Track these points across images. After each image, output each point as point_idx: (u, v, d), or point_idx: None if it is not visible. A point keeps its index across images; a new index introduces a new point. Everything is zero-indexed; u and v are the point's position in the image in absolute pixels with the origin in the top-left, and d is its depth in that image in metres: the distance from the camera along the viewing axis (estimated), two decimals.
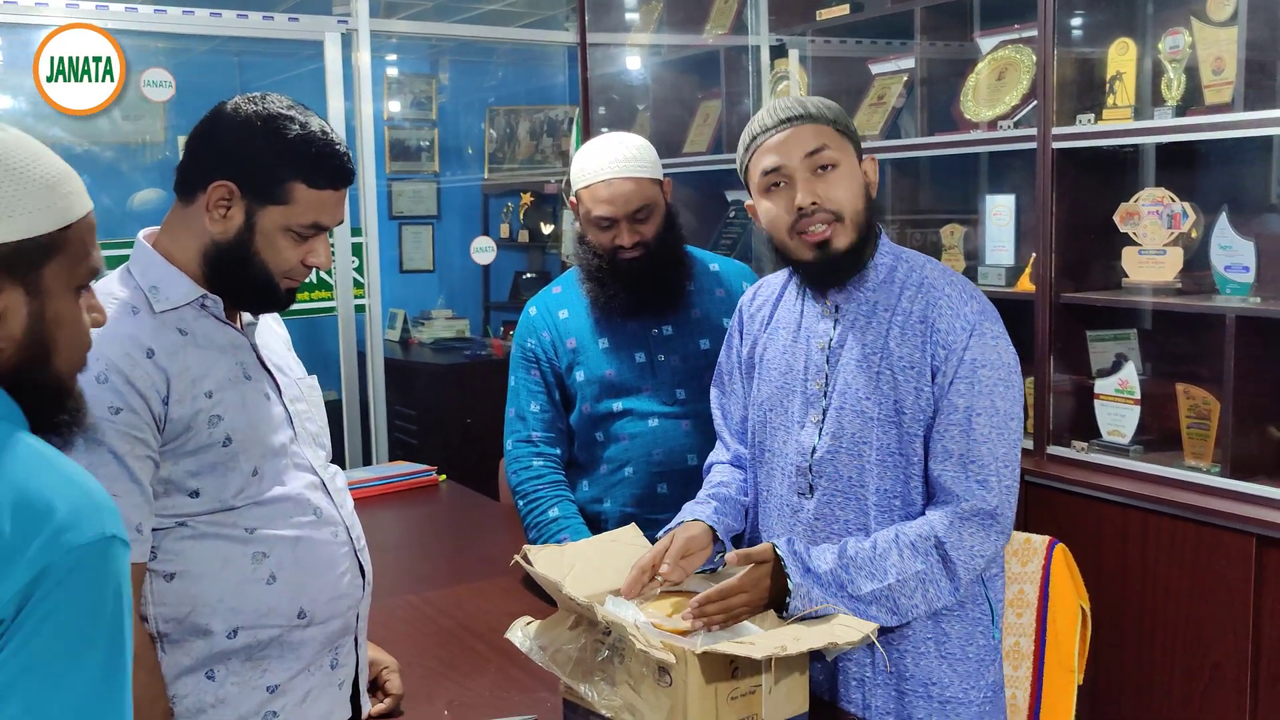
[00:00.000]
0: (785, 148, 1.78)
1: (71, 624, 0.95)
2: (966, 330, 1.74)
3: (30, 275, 1.06)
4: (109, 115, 4.41)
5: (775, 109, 1.83)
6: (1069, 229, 2.77)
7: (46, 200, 1.07)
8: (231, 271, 1.59)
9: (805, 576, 1.69)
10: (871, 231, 1.83)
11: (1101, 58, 2.76)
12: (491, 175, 6.24)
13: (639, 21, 4.53)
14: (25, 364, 1.07)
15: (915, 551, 1.71)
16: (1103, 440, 2.74)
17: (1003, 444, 1.74)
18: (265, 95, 1.62)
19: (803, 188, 1.77)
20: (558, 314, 2.34)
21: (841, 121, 1.82)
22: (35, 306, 1.07)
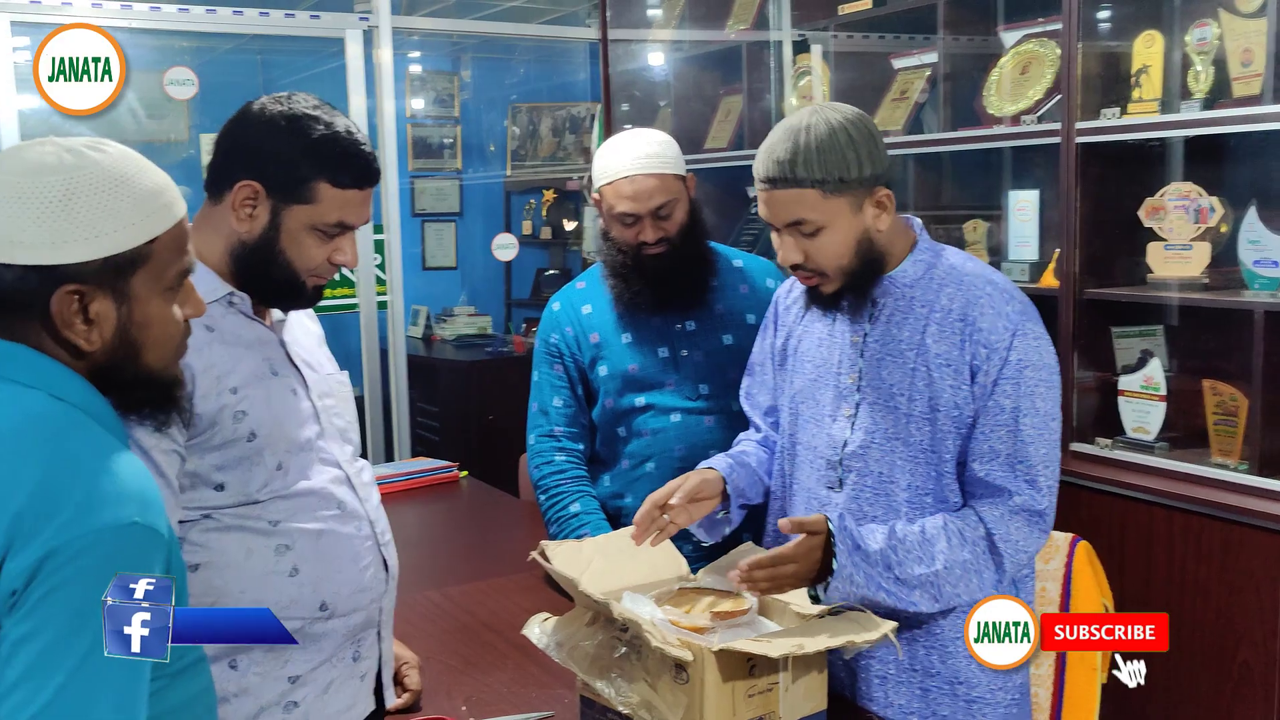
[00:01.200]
0: (769, 207, 1.76)
1: (77, 600, 1.02)
2: (1009, 330, 1.73)
3: (119, 285, 1.16)
4: (133, 114, 4.45)
5: (769, 155, 1.73)
6: (1093, 224, 2.74)
7: (135, 218, 1.16)
8: (258, 270, 1.60)
9: (853, 554, 1.67)
10: (873, 266, 1.78)
11: (1127, 51, 2.74)
12: (514, 172, 6.25)
13: (660, 17, 4.52)
14: (116, 361, 1.18)
15: (964, 540, 1.71)
16: (1127, 437, 2.71)
17: (1046, 444, 1.74)
18: (292, 95, 1.62)
19: (783, 249, 1.76)
20: (581, 309, 2.34)
21: (833, 178, 1.69)
22: (124, 312, 1.17)
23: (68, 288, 1.13)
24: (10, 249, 1.12)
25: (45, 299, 1.13)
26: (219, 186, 1.60)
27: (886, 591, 1.68)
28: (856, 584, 1.67)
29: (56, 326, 1.14)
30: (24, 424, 1.10)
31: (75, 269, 1.13)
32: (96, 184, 1.14)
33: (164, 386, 1.24)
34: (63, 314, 1.14)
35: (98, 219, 1.13)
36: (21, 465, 1.06)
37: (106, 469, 1.09)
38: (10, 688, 1.01)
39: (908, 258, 1.81)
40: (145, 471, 1.14)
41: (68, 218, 1.13)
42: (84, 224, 1.13)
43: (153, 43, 4.28)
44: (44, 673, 1.01)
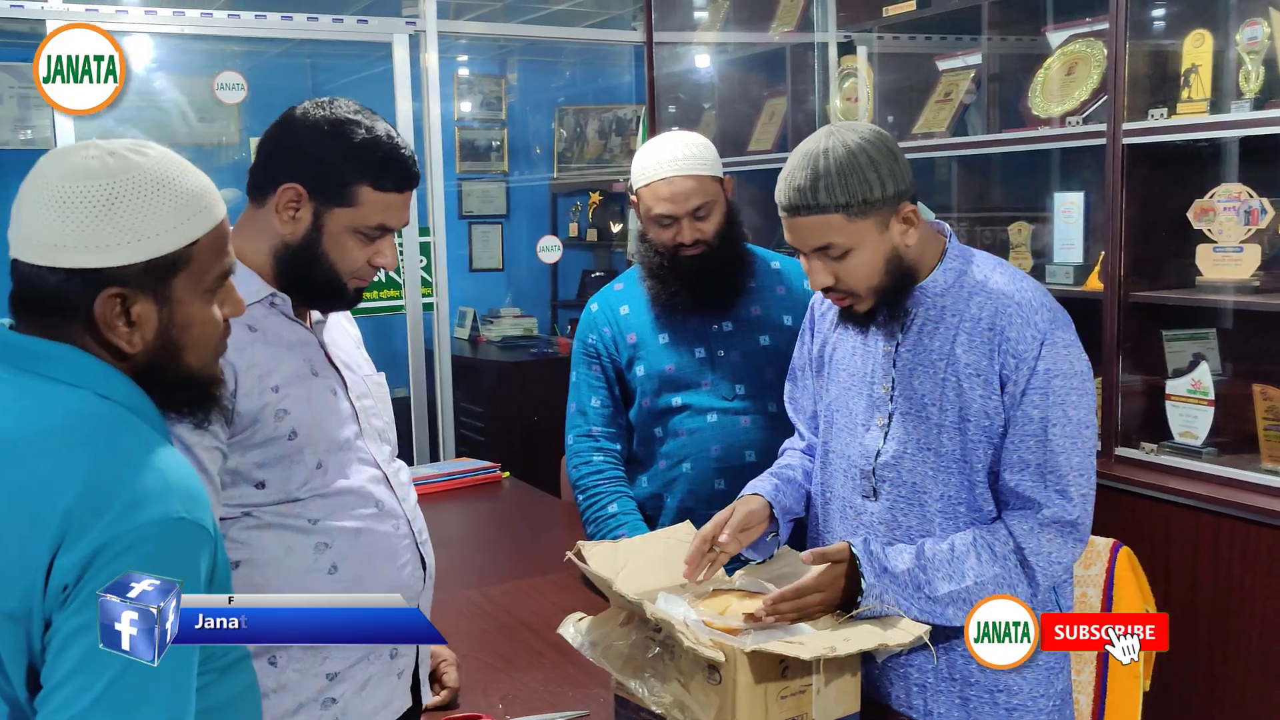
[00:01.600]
0: (794, 234, 1.74)
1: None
2: (1038, 339, 1.71)
3: (160, 288, 1.17)
4: (184, 117, 4.53)
5: (789, 184, 1.71)
6: (1140, 226, 2.71)
7: (176, 221, 1.17)
8: (300, 271, 1.63)
9: (881, 576, 1.68)
10: (905, 280, 1.77)
11: (1176, 50, 2.70)
12: (560, 174, 6.28)
13: (705, 20, 4.52)
14: (157, 361, 1.19)
15: (994, 555, 1.70)
16: (1174, 442, 2.68)
17: (1078, 453, 1.71)
18: (333, 100, 1.65)
19: (813, 271, 1.75)
20: (619, 310, 2.35)
21: (857, 200, 1.67)
22: (165, 314, 1.18)
23: (110, 291, 1.14)
24: (54, 253, 1.14)
25: (89, 302, 1.14)
26: (262, 190, 1.63)
27: (919, 609, 1.68)
28: (886, 603, 1.68)
29: (100, 329, 1.15)
30: (71, 422, 1.12)
31: (118, 272, 1.14)
32: (138, 187, 1.15)
33: (204, 385, 1.26)
34: (105, 317, 1.15)
35: (140, 222, 1.15)
36: (70, 462, 1.08)
37: (153, 465, 1.11)
38: (61, 681, 1.03)
39: (938, 266, 1.79)
40: (190, 467, 1.16)
41: (110, 221, 1.14)
42: (126, 228, 1.14)
43: (203, 47, 4.36)
44: (94, 668, 1.03)
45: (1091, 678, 2.13)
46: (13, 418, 1.12)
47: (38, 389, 1.14)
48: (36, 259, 1.14)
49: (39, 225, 1.14)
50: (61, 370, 1.15)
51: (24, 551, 1.04)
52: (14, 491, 1.07)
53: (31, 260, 1.15)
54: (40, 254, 1.14)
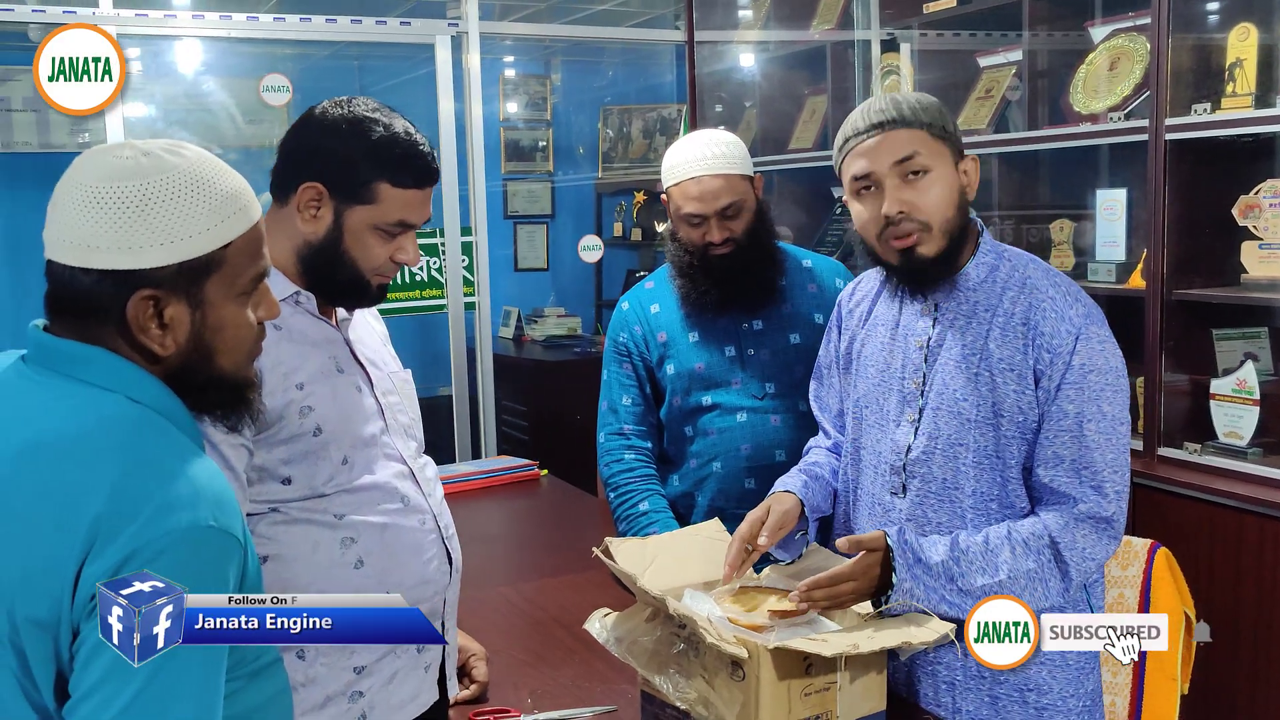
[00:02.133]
0: (875, 154, 1.74)
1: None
2: (1072, 334, 1.69)
3: (193, 290, 1.16)
4: (231, 119, 4.61)
5: (869, 110, 1.78)
6: (1184, 223, 2.67)
7: (210, 222, 1.16)
8: (323, 269, 1.65)
9: (914, 568, 1.67)
10: (966, 235, 1.78)
11: (1220, 44, 2.66)
12: (604, 174, 6.30)
13: (747, 19, 4.52)
14: (190, 364, 1.18)
15: (1028, 549, 1.68)
16: (1218, 442, 2.64)
17: (1113, 449, 1.70)
18: (352, 99, 1.67)
19: (890, 195, 1.74)
20: (649, 308, 2.35)
21: (938, 124, 1.76)
22: (198, 317, 1.17)
23: (143, 293, 1.13)
24: (86, 254, 1.13)
25: (121, 304, 1.13)
26: (284, 189, 1.65)
27: (949, 603, 1.67)
28: (917, 596, 1.67)
29: (132, 331, 1.14)
30: (100, 426, 1.11)
31: (150, 274, 1.13)
32: (173, 189, 1.14)
33: (237, 388, 1.25)
34: (138, 319, 1.14)
35: (173, 224, 1.13)
36: (99, 468, 1.07)
37: (182, 472, 1.10)
38: (90, 690, 1.03)
39: (970, 260, 1.78)
40: (220, 475, 1.15)
41: (144, 222, 1.12)
42: (160, 229, 1.13)
43: (251, 50, 4.43)
44: (122, 677, 1.03)
45: (1128, 680, 2.10)
46: (43, 421, 1.12)
47: (70, 392, 1.13)
48: (70, 260, 1.13)
49: (72, 225, 1.13)
50: (93, 373, 1.14)
51: (52, 558, 1.04)
52: (43, 496, 1.06)
53: (65, 261, 1.14)
54: (73, 255, 1.13)
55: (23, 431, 1.11)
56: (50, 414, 1.12)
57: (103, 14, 3.79)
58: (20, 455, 1.09)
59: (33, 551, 1.04)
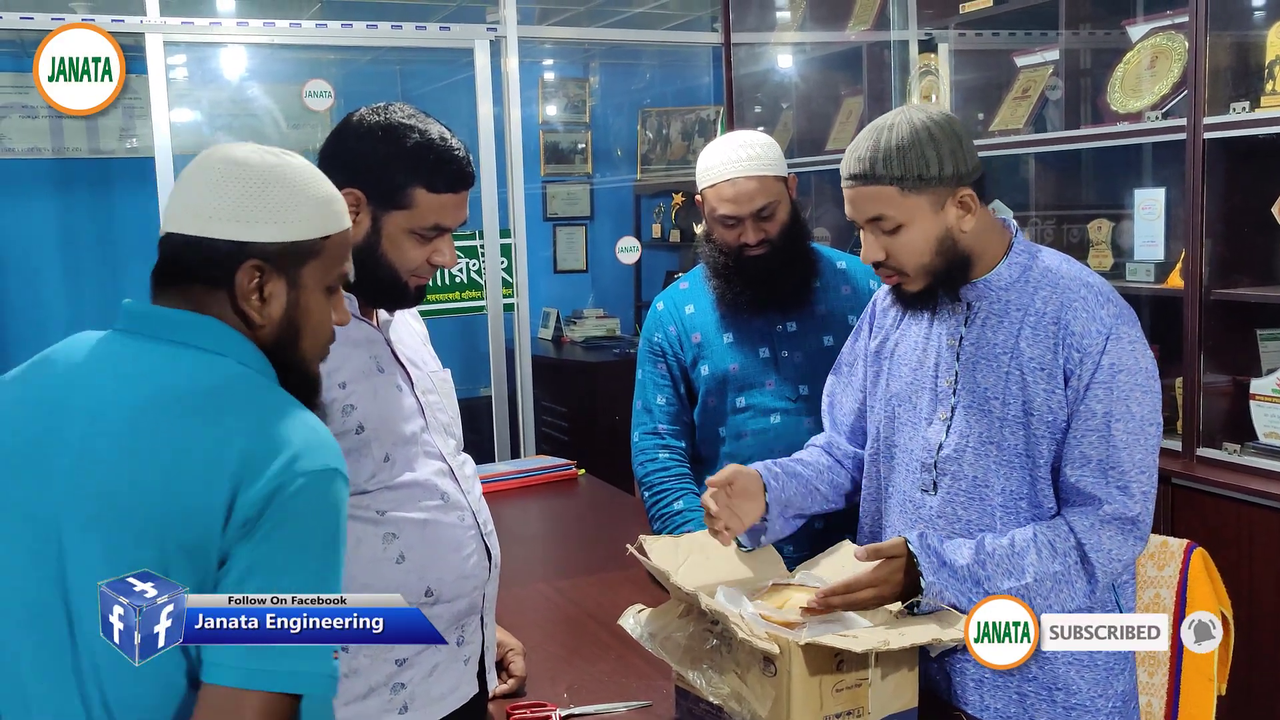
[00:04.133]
0: (853, 205, 1.78)
1: (299, 536, 1.18)
2: (1103, 334, 1.70)
3: (293, 271, 1.29)
4: (275, 124, 4.68)
5: (850, 156, 1.77)
6: (1223, 223, 2.66)
7: (316, 212, 1.30)
8: (362, 272, 1.69)
9: (940, 571, 1.68)
10: (958, 266, 1.77)
11: (1260, 42, 2.64)
12: (643, 176, 6.32)
13: (784, 20, 4.53)
14: (280, 341, 1.30)
15: (1054, 552, 1.69)
16: (1259, 443, 2.62)
17: (1141, 450, 1.70)
18: (388, 106, 1.71)
19: (867, 243, 1.77)
20: (684, 309, 2.38)
21: (912, 175, 1.70)
22: (293, 296, 1.30)
23: (252, 263, 1.26)
24: (206, 223, 1.26)
25: (231, 271, 1.26)
26: None
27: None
28: (946, 599, 1.68)
29: (236, 298, 1.27)
30: (227, 382, 1.24)
31: (260, 247, 1.26)
32: (287, 180, 1.28)
33: (310, 381, 1.36)
34: (243, 286, 1.26)
35: (285, 208, 1.27)
36: (238, 412, 1.20)
37: (306, 421, 1.23)
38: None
39: (1003, 260, 1.79)
40: (323, 425, 1.27)
41: (261, 201, 1.26)
42: (274, 209, 1.26)
43: (295, 56, 4.50)
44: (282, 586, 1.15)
45: (1165, 680, 2.09)
46: (166, 378, 1.23)
47: (182, 355, 1.24)
48: (190, 229, 1.27)
49: (197, 198, 1.27)
50: (204, 339, 1.26)
51: (203, 494, 1.15)
52: (185, 441, 1.18)
53: (184, 230, 1.27)
54: (194, 224, 1.26)
55: (143, 387, 1.22)
56: (172, 372, 1.23)
57: (150, 21, 3.87)
58: (149, 407, 1.20)
59: (183, 489, 1.16)
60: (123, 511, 1.17)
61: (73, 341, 1.32)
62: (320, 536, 1.19)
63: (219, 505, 1.15)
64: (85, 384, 1.25)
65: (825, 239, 3.95)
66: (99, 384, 1.24)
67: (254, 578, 1.16)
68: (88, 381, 1.25)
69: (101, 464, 1.19)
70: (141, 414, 1.20)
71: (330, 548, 1.21)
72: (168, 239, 1.29)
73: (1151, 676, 2.09)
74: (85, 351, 1.29)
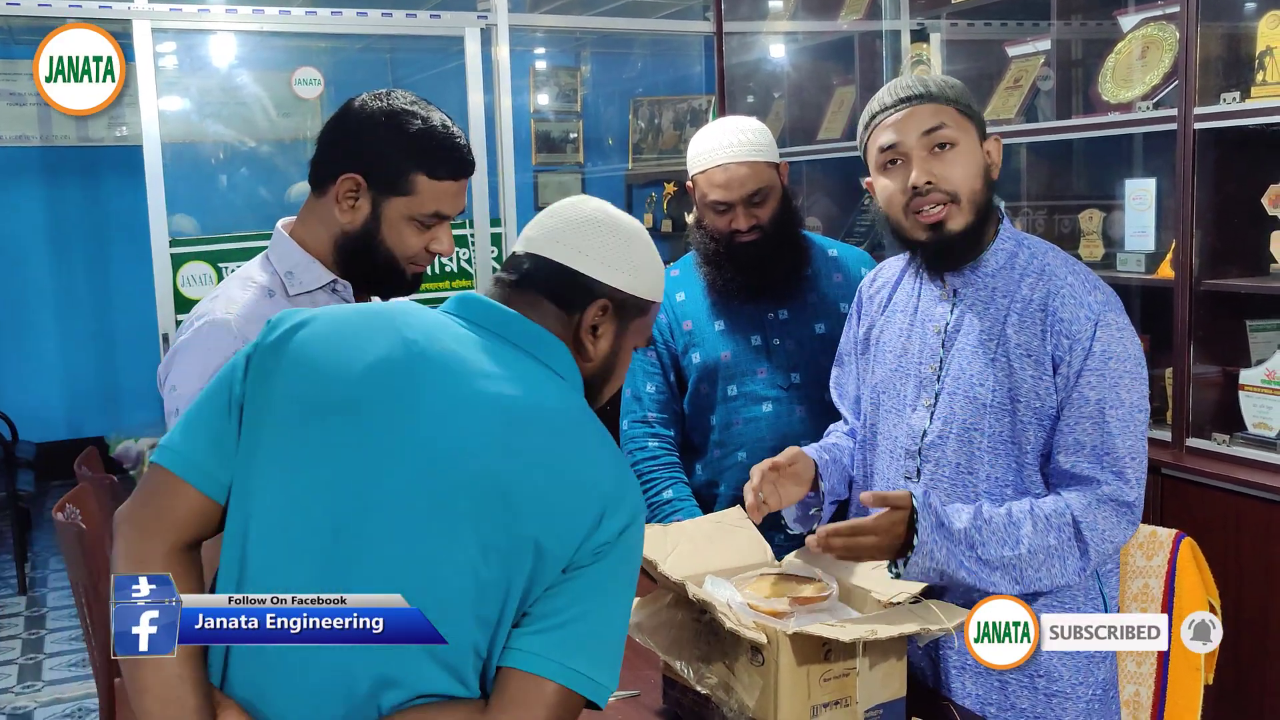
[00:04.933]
0: (903, 126, 1.77)
1: (630, 565, 1.29)
2: (1091, 320, 1.70)
3: (622, 320, 1.40)
4: (265, 112, 4.65)
5: (896, 88, 1.81)
6: (1213, 213, 2.66)
7: (658, 279, 1.43)
8: (361, 258, 1.69)
9: (936, 531, 1.67)
10: (990, 214, 1.80)
11: (1250, 33, 2.64)
12: (635, 165, 6.31)
13: (776, 9, 4.52)
14: (593, 379, 1.41)
15: (1050, 525, 1.69)
16: (1247, 433, 2.62)
17: (1132, 436, 1.71)
18: (390, 92, 1.70)
19: (918, 166, 1.75)
20: (674, 296, 2.37)
21: (963, 101, 1.79)
22: (617, 344, 1.40)
23: (601, 302, 1.37)
24: (577, 257, 1.36)
25: (584, 304, 1.36)
26: (323, 180, 1.69)
27: (967, 570, 1.67)
28: (937, 560, 1.67)
29: (580, 330, 1.36)
30: (583, 410, 1.33)
31: (611, 290, 1.37)
32: (647, 243, 1.42)
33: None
34: (589, 318, 1.37)
35: (642, 265, 1.40)
36: (600, 443, 1.30)
37: (626, 462, 1.36)
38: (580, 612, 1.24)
39: (990, 246, 1.79)
40: None
41: (625, 253, 1.38)
42: (632, 264, 1.38)
43: (285, 44, 4.48)
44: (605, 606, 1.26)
45: (1152, 669, 2.10)
46: (540, 390, 1.29)
47: (540, 373, 1.31)
48: (560, 257, 1.36)
49: (570, 233, 1.37)
50: (556, 361, 1.34)
51: (576, 506, 1.24)
52: (565, 456, 1.26)
53: (554, 257, 1.36)
54: (565, 254, 1.36)
55: (516, 392, 1.28)
56: (541, 386, 1.31)
57: (137, 8, 3.85)
58: (526, 413, 1.27)
59: (558, 500, 1.24)
60: (499, 501, 1.22)
61: (418, 315, 1.33)
62: (636, 570, 1.31)
63: (586, 524, 1.23)
64: (458, 371, 1.27)
65: (816, 228, 3.95)
66: (470, 375, 1.27)
67: (590, 596, 1.25)
68: (460, 368, 1.27)
69: (482, 454, 1.23)
70: (519, 417, 1.26)
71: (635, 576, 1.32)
72: (534, 259, 1.37)
73: (1139, 666, 2.10)
74: (450, 337, 1.31)
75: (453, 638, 1.20)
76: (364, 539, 1.22)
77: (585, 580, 1.25)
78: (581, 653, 1.23)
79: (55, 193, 6.66)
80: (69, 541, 2.43)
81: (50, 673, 4.24)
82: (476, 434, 1.24)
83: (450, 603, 1.20)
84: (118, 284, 6.67)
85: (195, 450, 1.27)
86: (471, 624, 1.22)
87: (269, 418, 1.26)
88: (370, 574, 1.21)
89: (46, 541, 5.74)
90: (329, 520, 1.23)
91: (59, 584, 5.18)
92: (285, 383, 1.27)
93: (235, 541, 1.25)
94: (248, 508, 1.25)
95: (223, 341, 1.61)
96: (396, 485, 1.23)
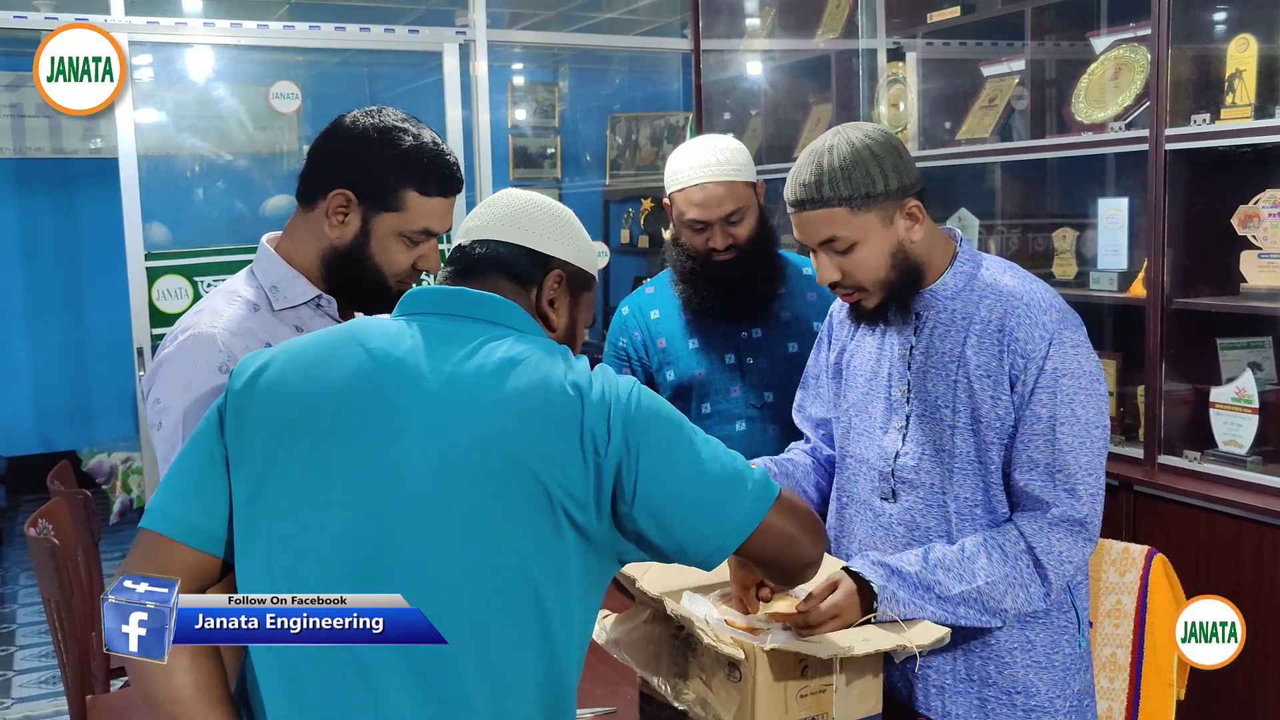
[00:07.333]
0: (802, 230, 1.77)
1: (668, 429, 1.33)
2: (1045, 339, 1.72)
3: (575, 291, 1.47)
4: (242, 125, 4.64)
5: (794, 182, 1.76)
6: (1184, 233, 2.69)
7: (593, 256, 1.50)
8: (348, 274, 1.70)
9: (891, 578, 1.69)
10: (911, 277, 1.78)
11: (1220, 55, 2.68)
12: (612, 181, 6.33)
13: (753, 27, 4.54)
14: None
15: (1004, 555, 1.71)
16: (1218, 450, 2.65)
17: (1087, 453, 1.72)
18: (381, 109, 1.71)
19: (821, 268, 1.78)
20: (649, 314, 2.37)
21: (860, 194, 1.70)
22: (575, 313, 1.48)
23: (557, 272, 1.43)
24: (525, 235, 1.43)
25: (541, 276, 1.43)
26: (311, 195, 1.70)
27: (933, 610, 1.69)
28: (901, 600, 1.69)
29: (541, 299, 1.43)
30: (547, 348, 1.35)
31: (561, 263, 1.44)
32: (577, 224, 1.49)
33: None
34: (548, 288, 1.43)
35: (579, 242, 1.47)
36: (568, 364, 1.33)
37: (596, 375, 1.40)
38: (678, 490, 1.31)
39: (948, 270, 1.81)
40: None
41: (565, 230, 1.46)
42: (572, 239, 1.46)
43: (261, 58, 4.47)
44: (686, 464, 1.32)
45: (1125, 685, 2.12)
46: (505, 350, 1.32)
47: (498, 333, 1.35)
48: (511, 237, 1.42)
49: (516, 218, 1.43)
50: (511, 319, 1.38)
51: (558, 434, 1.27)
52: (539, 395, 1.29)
53: (506, 238, 1.42)
54: (515, 235, 1.43)
55: (483, 357, 1.32)
56: (503, 345, 1.33)
57: (114, 21, 3.83)
58: (503, 370, 1.30)
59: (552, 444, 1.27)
60: (503, 458, 1.25)
61: (375, 325, 1.37)
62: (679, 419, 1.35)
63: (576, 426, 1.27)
64: (428, 366, 1.30)
65: (792, 246, 3.97)
66: (439, 365, 1.30)
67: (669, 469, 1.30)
68: (429, 363, 1.30)
69: (476, 432, 1.26)
70: (494, 384, 1.29)
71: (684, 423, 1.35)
72: (489, 244, 1.42)
73: (1112, 682, 2.11)
74: (409, 337, 1.34)
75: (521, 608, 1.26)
76: (398, 544, 1.24)
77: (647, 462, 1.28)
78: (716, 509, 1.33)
79: (28, 204, 6.62)
80: (41, 557, 2.41)
81: (20, 690, 4.20)
82: (464, 416, 1.26)
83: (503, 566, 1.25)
84: (91, 297, 6.63)
85: (183, 509, 1.29)
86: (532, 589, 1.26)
87: (259, 457, 1.27)
88: (412, 569, 1.24)
89: (17, 557, 5.68)
90: (354, 535, 1.24)
91: (29, 600, 5.12)
92: (266, 419, 1.29)
93: (258, 579, 1.26)
94: (267, 544, 1.26)
95: (208, 354, 1.61)
96: (413, 487, 1.24)
